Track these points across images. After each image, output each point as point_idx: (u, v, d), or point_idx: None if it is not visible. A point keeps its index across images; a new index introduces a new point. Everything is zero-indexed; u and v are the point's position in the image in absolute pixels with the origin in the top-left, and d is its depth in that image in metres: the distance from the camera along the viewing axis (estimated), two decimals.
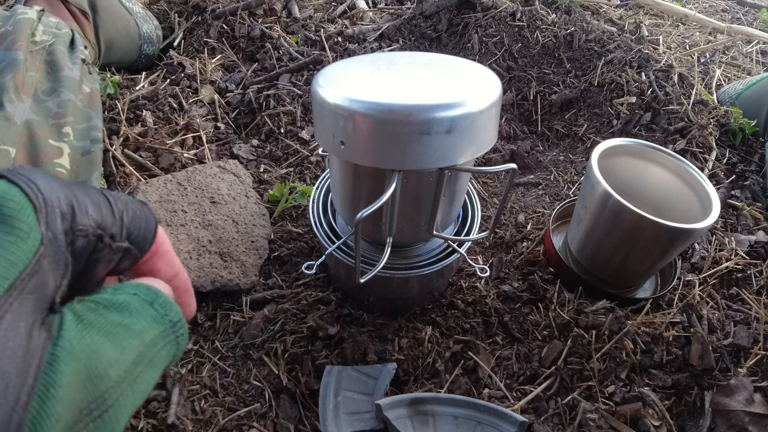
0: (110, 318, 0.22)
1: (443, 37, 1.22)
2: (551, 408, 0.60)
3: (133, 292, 0.24)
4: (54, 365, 0.19)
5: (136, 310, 0.23)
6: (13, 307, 0.18)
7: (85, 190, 0.23)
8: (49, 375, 0.18)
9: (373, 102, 0.41)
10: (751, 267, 0.76)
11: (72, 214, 0.22)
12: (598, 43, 1.13)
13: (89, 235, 0.22)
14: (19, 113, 0.67)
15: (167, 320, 0.24)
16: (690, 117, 0.96)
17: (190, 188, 0.75)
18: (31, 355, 0.18)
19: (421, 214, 0.53)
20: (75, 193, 0.23)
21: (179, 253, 0.67)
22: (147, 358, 0.23)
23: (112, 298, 0.23)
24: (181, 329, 0.25)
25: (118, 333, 0.22)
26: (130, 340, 0.22)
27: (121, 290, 0.24)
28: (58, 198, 0.21)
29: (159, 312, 0.24)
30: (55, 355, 0.19)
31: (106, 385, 0.20)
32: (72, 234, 0.22)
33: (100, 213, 0.23)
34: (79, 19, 0.91)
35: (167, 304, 0.25)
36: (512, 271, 0.75)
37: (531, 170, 1.00)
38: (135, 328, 0.23)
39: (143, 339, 0.23)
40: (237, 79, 1.04)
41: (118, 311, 0.23)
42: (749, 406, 0.57)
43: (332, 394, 0.58)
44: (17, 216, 0.20)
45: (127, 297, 0.24)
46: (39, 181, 0.21)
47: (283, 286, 0.71)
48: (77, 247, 0.22)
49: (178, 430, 0.56)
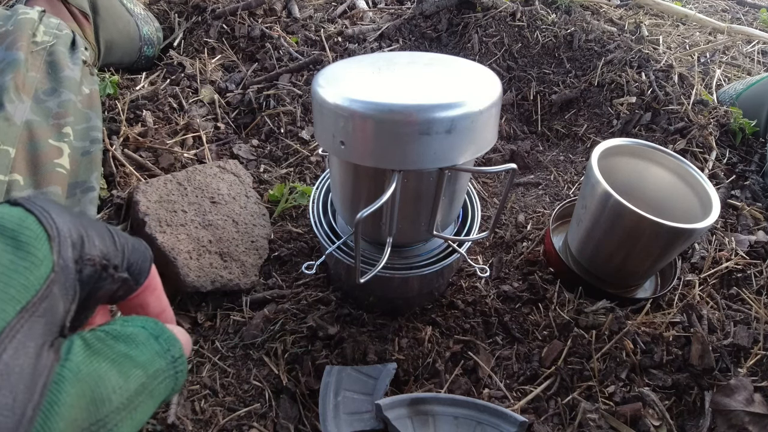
0: (117, 348, 0.23)
1: (443, 37, 1.22)
2: (551, 408, 0.60)
3: (141, 325, 0.25)
4: (60, 385, 0.20)
5: (142, 343, 0.25)
6: (25, 327, 0.19)
7: (91, 222, 0.25)
8: (54, 393, 0.19)
9: (373, 102, 0.41)
10: (751, 267, 0.76)
11: (81, 244, 0.23)
12: (598, 43, 1.13)
13: (96, 264, 0.24)
14: (19, 113, 0.67)
15: (170, 355, 0.25)
16: (690, 117, 0.96)
17: (190, 188, 0.75)
18: (38, 373, 0.19)
19: (421, 214, 0.53)
20: (84, 224, 0.24)
21: (179, 253, 0.67)
22: (149, 388, 0.24)
23: (121, 330, 0.25)
24: (182, 365, 0.26)
25: (124, 363, 0.23)
26: (135, 370, 0.23)
27: (131, 322, 0.25)
28: (69, 229, 0.23)
29: (163, 347, 0.25)
30: (61, 376, 0.20)
31: (108, 409, 0.21)
32: (81, 263, 0.23)
33: (105, 244, 0.25)
34: (80, 20, 0.91)
35: (171, 340, 0.26)
36: (512, 271, 0.75)
37: (531, 170, 1.00)
38: (140, 359, 0.24)
39: (147, 370, 0.24)
40: (237, 79, 1.04)
41: (125, 342, 0.24)
42: (749, 406, 0.57)
43: (332, 394, 0.58)
44: (33, 243, 0.21)
45: (135, 329, 0.25)
46: (53, 212, 0.23)
47: (283, 286, 0.71)
48: (84, 275, 0.23)
49: (178, 430, 0.56)
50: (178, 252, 0.67)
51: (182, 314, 0.67)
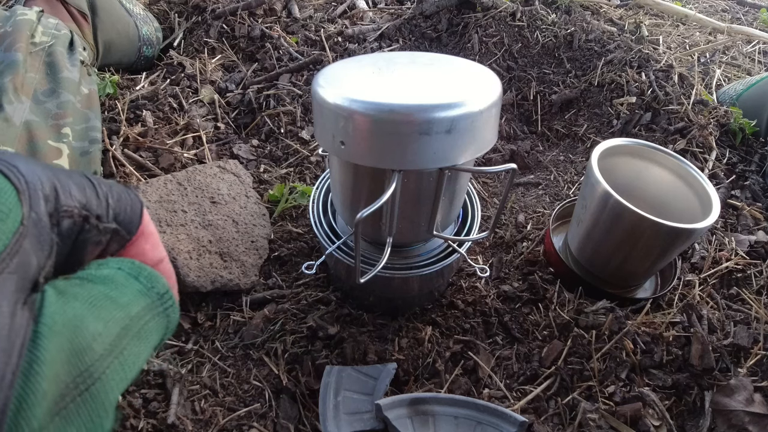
0: (94, 290, 0.22)
1: (443, 37, 1.22)
2: (551, 408, 0.60)
3: (117, 266, 0.24)
4: (37, 342, 0.19)
5: (121, 284, 0.23)
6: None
7: (67, 173, 0.24)
8: (32, 352, 0.18)
9: (373, 102, 0.41)
10: (751, 267, 0.76)
11: (56, 196, 0.22)
12: (598, 43, 1.13)
13: (74, 216, 0.23)
14: (18, 114, 0.67)
15: (154, 292, 0.24)
16: (690, 117, 0.96)
17: (190, 188, 0.75)
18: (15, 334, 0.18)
19: (421, 214, 0.53)
20: (58, 175, 0.23)
21: (179, 253, 0.67)
22: (133, 330, 0.23)
23: (96, 273, 0.23)
24: (170, 300, 0.25)
25: (102, 305, 0.22)
26: (114, 312, 0.22)
27: (105, 265, 0.24)
28: (41, 180, 0.22)
29: (145, 285, 0.24)
30: (37, 332, 0.19)
31: (91, 358, 0.20)
32: (57, 215, 0.22)
33: (84, 194, 0.23)
34: (78, 20, 0.91)
35: (153, 277, 0.25)
36: (512, 271, 0.75)
37: (531, 170, 1.00)
38: (120, 300, 0.23)
39: (129, 311, 0.23)
40: (237, 79, 1.04)
41: (103, 284, 0.23)
42: (749, 406, 0.57)
43: (332, 394, 0.58)
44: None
45: (111, 271, 0.24)
46: (20, 165, 0.21)
47: (283, 286, 0.71)
48: (63, 228, 0.22)
49: (178, 430, 0.56)
50: (178, 252, 0.67)
51: (182, 314, 0.67)
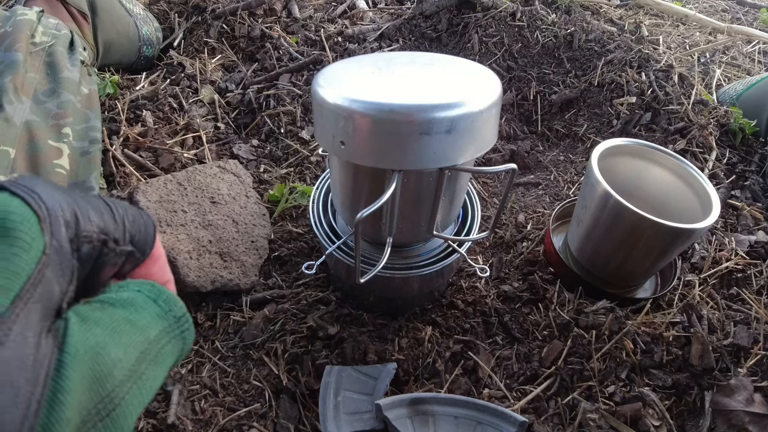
0: (115, 315, 0.22)
1: (443, 37, 1.22)
2: (551, 408, 0.60)
3: (137, 289, 0.25)
4: (61, 371, 0.19)
5: (141, 306, 0.24)
6: (20, 317, 0.19)
7: (86, 197, 0.24)
8: (56, 381, 0.19)
9: (373, 102, 0.41)
10: (751, 267, 0.76)
11: (76, 222, 0.22)
12: (598, 43, 1.13)
13: (94, 241, 0.23)
14: (18, 114, 0.67)
15: (171, 315, 0.25)
16: (690, 117, 0.96)
17: (190, 188, 0.75)
18: (39, 364, 0.18)
19: (421, 214, 0.53)
20: (77, 200, 0.23)
21: (179, 253, 0.67)
22: (151, 354, 0.23)
23: (116, 296, 0.24)
24: (186, 323, 0.25)
25: (123, 330, 0.22)
26: (134, 336, 0.22)
27: (126, 287, 0.25)
28: (61, 207, 0.22)
29: (163, 308, 0.24)
30: (61, 362, 0.19)
31: (112, 384, 0.21)
32: (77, 241, 0.22)
33: (103, 219, 0.24)
34: (78, 20, 0.91)
35: (171, 300, 0.25)
36: (512, 271, 0.75)
37: (531, 170, 1.00)
38: (140, 323, 0.23)
39: (147, 335, 0.23)
40: (237, 79, 1.04)
41: (123, 307, 0.23)
42: (749, 406, 0.57)
43: (332, 394, 0.58)
44: (19, 228, 0.20)
45: (131, 294, 0.24)
46: (41, 191, 0.21)
47: (283, 286, 0.71)
48: (83, 253, 0.22)
49: (178, 430, 0.56)
50: (178, 252, 0.67)
51: None
